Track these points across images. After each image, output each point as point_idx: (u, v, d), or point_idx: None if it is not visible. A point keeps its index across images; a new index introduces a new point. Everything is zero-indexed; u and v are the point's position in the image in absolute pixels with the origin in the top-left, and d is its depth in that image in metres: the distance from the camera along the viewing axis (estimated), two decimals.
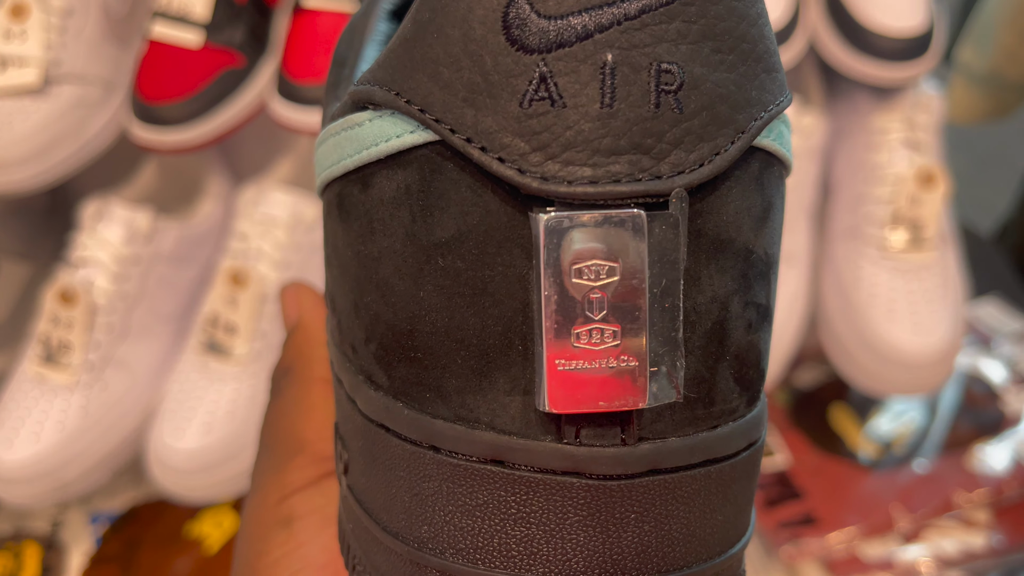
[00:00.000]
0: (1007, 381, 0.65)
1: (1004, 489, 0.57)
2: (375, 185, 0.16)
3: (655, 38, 0.14)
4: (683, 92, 0.14)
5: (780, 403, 0.64)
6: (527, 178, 0.14)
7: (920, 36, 0.53)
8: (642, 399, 0.15)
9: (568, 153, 0.14)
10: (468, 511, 0.15)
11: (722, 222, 0.15)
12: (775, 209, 0.17)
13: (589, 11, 0.14)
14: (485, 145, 0.14)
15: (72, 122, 0.52)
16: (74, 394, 0.52)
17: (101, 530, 0.59)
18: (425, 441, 0.16)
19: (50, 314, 0.53)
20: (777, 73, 0.16)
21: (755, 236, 0.16)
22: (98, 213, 0.54)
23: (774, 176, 0.16)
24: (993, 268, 0.76)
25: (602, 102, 0.14)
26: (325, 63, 0.52)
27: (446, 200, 0.15)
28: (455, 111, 0.14)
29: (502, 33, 0.14)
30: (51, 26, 0.51)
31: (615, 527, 0.15)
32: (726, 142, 0.15)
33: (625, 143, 0.14)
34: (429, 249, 0.15)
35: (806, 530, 0.55)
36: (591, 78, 0.14)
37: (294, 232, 0.54)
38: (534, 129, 0.14)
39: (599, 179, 0.14)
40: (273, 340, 0.54)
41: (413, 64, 0.15)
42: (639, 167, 0.14)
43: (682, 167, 0.14)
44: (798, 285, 0.55)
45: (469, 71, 0.14)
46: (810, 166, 0.58)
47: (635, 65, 0.14)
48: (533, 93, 0.14)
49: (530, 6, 0.14)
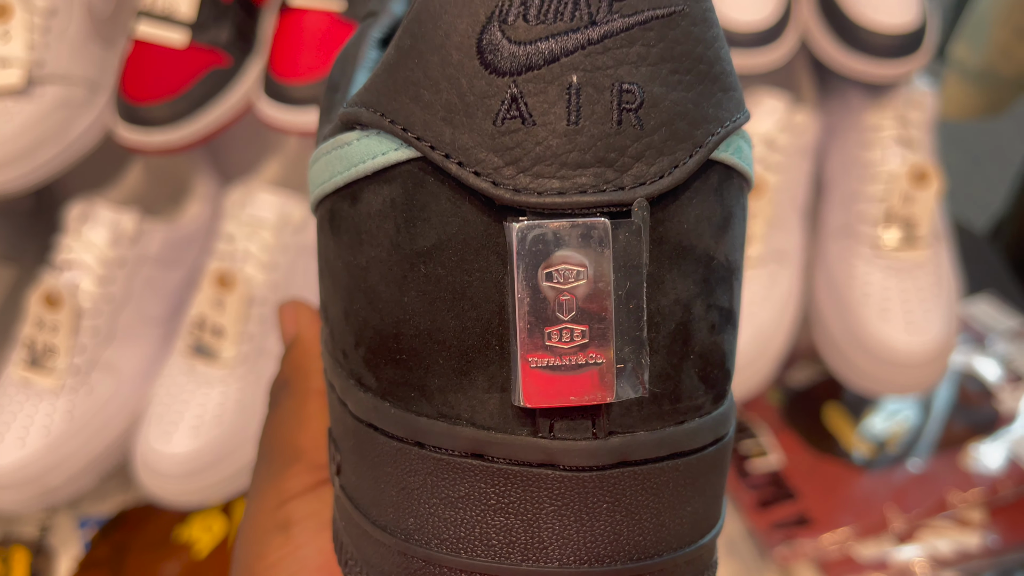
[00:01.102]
0: (1001, 379, 0.64)
1: (999, 488, 0.56)
2: (363, 199, 0.17)
3: (617, 61, 0.15)
4: (643, 110, 0.15)
5: (773, 402, 0.64)
6: (501, 190, 0.15)
7: (912, 33, 0.53)
8: (610, 394, 0.16)
9: (538, 167, 0.15)
10: (451, 503, 0.17)
11: (683, 229, 0.16)
12: (735, 219, 0.18)
13: (556, 37, 0.15)
14: (462, 160, 0.15)
15: (56, 123, 0.51)
16: (60, 398, 0.52)
17: (90, 535, 0.59)
18: (410, 438, 0.17)
19: (35, 318, 0.52)
20: (734, 92, 0.17)
21: (716, 243, 0.17)
22: (83, 215, 0.54)
23: (733, 188, 0.18)
24: (987, 266, 0.76)
25: (568, 120, 0.15)
26: (312, 62, 0.52)
27: (428, 212, 0.16)
28: (435, 129, 0.16)
29: (476, 58, 0.15)
30: (34, 26, 0.51)
31: (588, 516, 0.16)
32: (685, 155, 0.16)
33: (590, 157, 0.15)
34: (412, 257, 0.16)
35: (800, 531, 0.55)
36: (558, 98, 0.15)
37: (281, 233, 0.54)
38: (507, 145, 0.15)
39: (567, 190, 0.15)
40: (261, 343, 0.53)
41: (396, 87, 0.16)
42: (603, 179, 0.15)
43: (643, 179, 0.16)
44: (791, 284, 0.55)
45: (447, 92, 0.16)
46: (802, 164, 0.57)
47: (598, 86, 0.15)
48: (505, 112, 0.15)
49: (502, 33, 0.15)
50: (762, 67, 0.54)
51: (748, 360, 0.52)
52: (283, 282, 0.54)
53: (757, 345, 0.52)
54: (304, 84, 0.51)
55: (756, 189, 0.53)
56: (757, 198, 0.53)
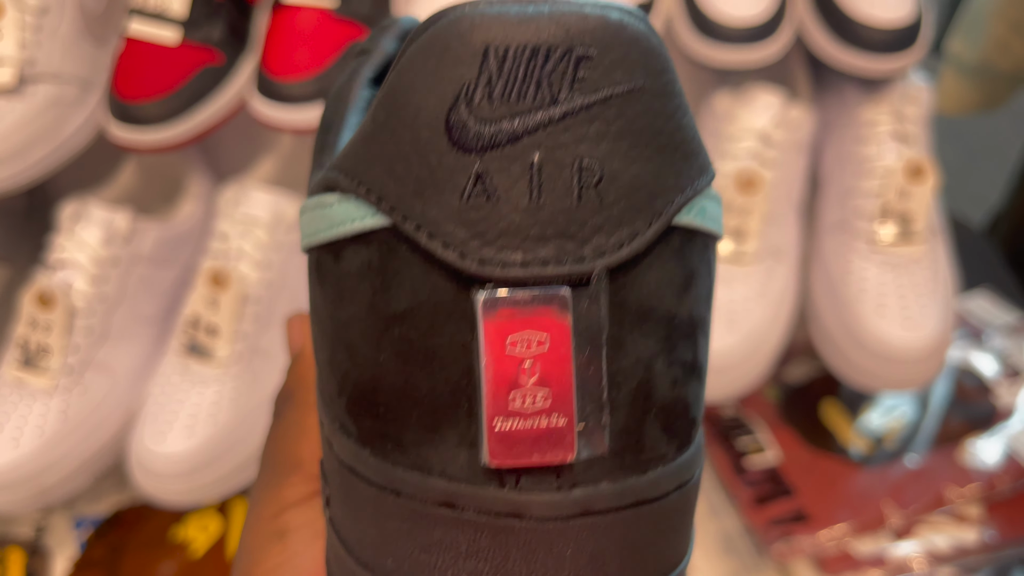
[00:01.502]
0: (999, 374, 0.64)
1: (996, 483, 0.56)
2: (344, 258, 0.18)
3: (577, 138, 0.16)
4: (603, 184, 0.16)
5: (770, 399, 0.64)
6: (467, 262, 0.16)
7: (908, 27, 0.53)
8: (571, 454, 0.17)
9: (502, 240, 0.16)
10: (426, 547, 0.18)
11: (644, 293, 0.17)
12: (699, 276, 0.19)
13: (519, 116, 0.16)
14: (432, 231, 0.16)
15: (48, 122, 0.51)
16: (53, 398, 0.52)
17: (85, 535, 0.59)
18: (388, 485, 0.18)
19: (28, 317, 0.52)
20: (695, 157, 0.18)
21: (678, 302, 0.18)
22: (76, 214, 0.54)
23: (696, 248, 0.18)
24: (984, 261, 0.75)
25: (530, 196, 0.16)
26: (306, 60, 0.52)
27: (401, 278, 0.17)
28: (406, 201, 0.17)
29: (445, 136, 0.16)
30: (26, 24, 0.51)
31: (553, 563, 0.17)
32: (644, 226, 0.17)
33: (551, 231, 0.16)
34: (387, 319, 0.17)
35: (797, 527, 0.55)
36: (520, 175, 0.16)
37: (275, 231, 0.54)
38: (473, 220, 0.16)
39: (529, 262, 0.16)
40: (255, 342, 0.53)
41: (371, 157, 0.17)
42: (564, 251, 0.16)
43: (603, 249, 0.16)
44: (787, 280, 0.55)
45: (418, 167, 0.16)
46: (798, 159, 0.57)
47: (560, 163, 0.16)
48: (471, 188, 0.16)
49: (468, 112, 0.16)
50: (757, 62, 0.54)
51: (744, 356, 0.52)
52: (277, 280, 0.54)
53: (753, 341, 0.52)
54: (297, 81, 0.51)
55: (752, 184, 0.53)
56: (753, 194, 0.53)
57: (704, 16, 0.53)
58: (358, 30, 0.53)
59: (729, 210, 0.54)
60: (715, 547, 0.57)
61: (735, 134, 0.56)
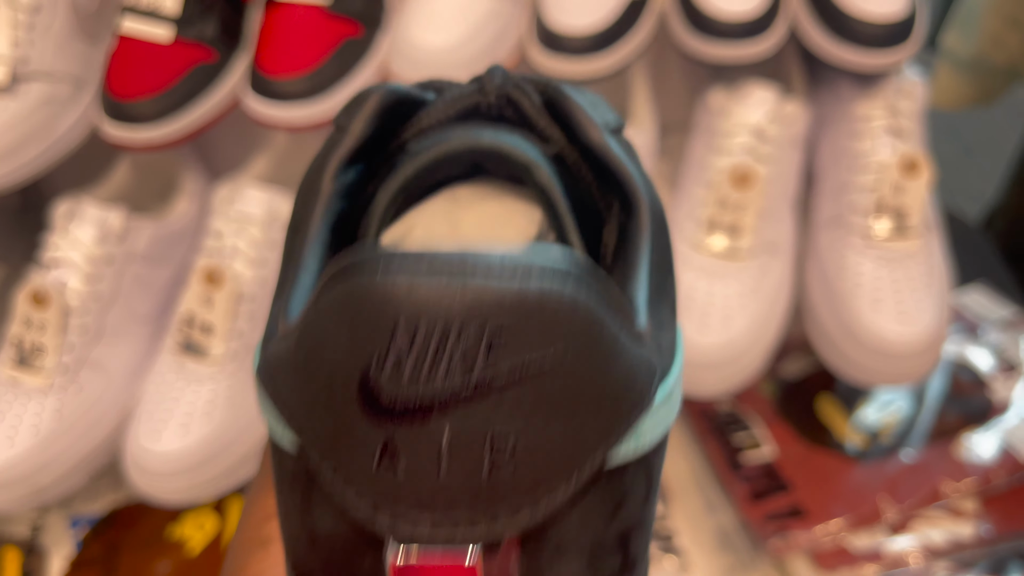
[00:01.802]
0: (994, 369, 0.64)
1: (992, 478, 0.56)
2: (279, 454, 0.18)
3: (489, 411, 0.16)
4: (517, 455, 0.16)
5: (766, 394, 0.64)
6: (380, 515, 0.16)
7: (902, 22, 0.53)
8: None
9: (413, 511, 0.16)
10: None
11: (563, 532, 0.17)
12: (632, 493, 0.18)
13: (429, 390, 0.16)
14: (347, 478, 0.16)
15: (41, 120, 0.51)
16: (48, 397, 0.51)
17: (82, 534, 0.59)
18: None
19: (22, 316, 0.52)
20: (623, 398, 0.17)
21: (605, 527, 0.18)
22: (70, 213, 0.53)
23: (628, 473, 0.18)
24: (980, 255, 0.75)
25: (438, 472, 0.16)
26: (299, 57, 0.52)
27: (323, 505, 0.17)
28: (323, 448, 0.17)
29: (358, 400, 0.16)
30: (18, 23, 0.50)
31: None
32: (564, 484, 0.17)
33: (462, 500, 0.16)
34: (313, 534, 0.18)
35: (793, 522, 0.55)
36: (429, 451, 0.16)
37: (269, 229, 0.53)
38: (383, 487, 0.16)
39: (440, 522, 0.16)
40: (250, 339, 0.53)
41: (295, 388, 0.17)
42: (475, 517, 0.16)
43: (519, 507, 0.16)
44: (782, 275, 0.55)
45: (334, 425, 0.16)
46: (793, 154, 0.57)
47: (470, 437, 0.16)
48: (380, 457, 0.16)
49: (380, 381, 0.16)
50: (751, 57, 0.54)
51: (740, 352, 0.52)
52: (272, 278, 0.54)
53: (749, 337, 0.52)
54: (291, 79, 0.51)
55: (746, 180, 0.53)
56: (747, 189, 0.53)
57: (698, 11, 0.53)
58: (351, 27, 0.53)
59: (724, 206, 0.54)
60: (711, 543, 0.57)
61: (730, 130, 0.56)
